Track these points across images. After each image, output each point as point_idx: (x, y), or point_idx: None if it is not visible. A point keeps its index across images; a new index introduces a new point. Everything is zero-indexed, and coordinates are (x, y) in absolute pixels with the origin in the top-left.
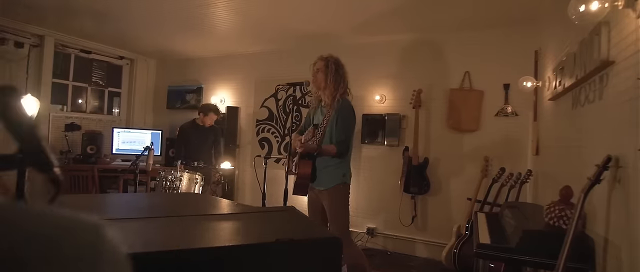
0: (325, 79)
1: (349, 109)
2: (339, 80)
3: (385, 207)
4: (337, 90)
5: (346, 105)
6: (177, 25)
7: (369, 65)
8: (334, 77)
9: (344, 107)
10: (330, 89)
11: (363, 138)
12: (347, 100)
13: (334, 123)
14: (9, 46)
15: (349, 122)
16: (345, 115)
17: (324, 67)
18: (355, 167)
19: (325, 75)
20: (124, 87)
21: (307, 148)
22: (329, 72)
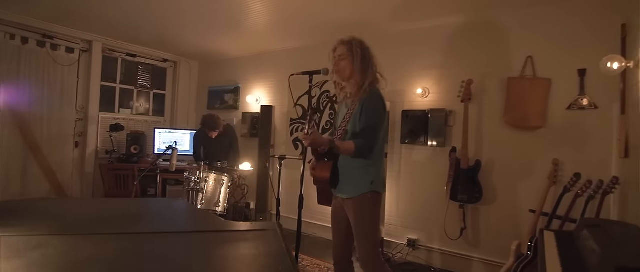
0: (351, 67)
1: (377, 99)
2: (366, 67)
3: (428, 216)
4: (364, 78)
5: (374, 95)
6: (216, 24)
7: (410, 55)
8: (361, 63)
9: (370, 97)
10: (356, 78)
11: (403, 138)
12: (376, 89)
13: (357, 117)
14: (61, 52)
15: (375, 113)
16: (371, 105)
17: (347, 53)
18: (394, 170)
19: (350, 62)
20: (168, 88)
21: (315, 142)
22: (355, 58)
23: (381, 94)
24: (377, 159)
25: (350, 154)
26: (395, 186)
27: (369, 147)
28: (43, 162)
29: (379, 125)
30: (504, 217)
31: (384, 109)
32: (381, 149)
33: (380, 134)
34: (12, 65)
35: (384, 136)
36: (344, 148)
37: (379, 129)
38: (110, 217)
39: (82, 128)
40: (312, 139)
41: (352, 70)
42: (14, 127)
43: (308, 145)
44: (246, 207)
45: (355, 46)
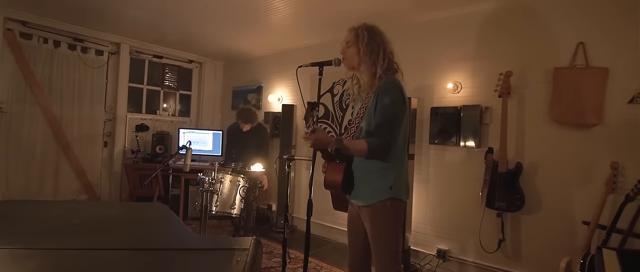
0: (357, 53)
1: (392, 88)
2: (376, 50)
3: (461, 225)
4: (375, 64)
5: (389, 84)
6: (239, 22)
7: (438, 46)
8: (367, 46)
9: (384, 87)
10: (367, 64)
11: (432, 138)
12: (392, 78)
13: (372, 111)
14: (90, 54)
15: (390, 106)
16: (386, 97)
17: (353, 39)
18: (422, 173)
19: (357, 47)
20: (194, 89)
21: (319, 142)
22: (361, 42)
23: (398, 83)
24: (397, 160)
25: (362, 154)
26: (424, 191)
27: (385, 146)
28: (74, 162)
29: (397, 119)
30: (550, 229)
31: (402, 101)
32: (402, 148)
33: (398, 130)
34: (45, 68)
35: (405, 132)
36: (355, 148)
37: (397, 124)
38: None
39: (110, 128)
40: (315, 138)
41: (360, 58)
42: (48, 128)
43: (311, 145)
44: (268, 209)
45: (361, 30)
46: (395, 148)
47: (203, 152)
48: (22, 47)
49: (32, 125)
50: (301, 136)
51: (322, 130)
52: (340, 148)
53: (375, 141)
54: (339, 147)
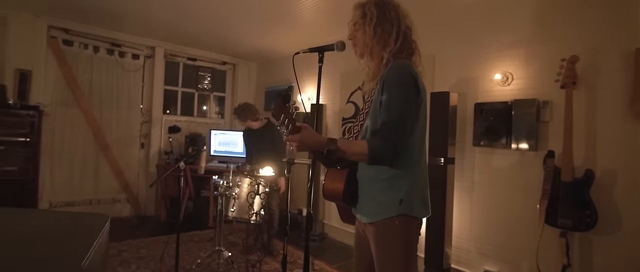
0: (364, 35)
1: (402, 73)
2: (388, 30)
3: (513, 243)
4: (385, 46)
5: (396, 69)
6: (269, 20)
7: (484, 31)
8: (376, 28)
9: (389, 74)
10: (376, 49)
11: (477, 138)
12: (401, 62)
13: (377, 106)
14: (127, 58)
15: (397, 96)
16: (392, 85)
17: (361, 20)
18: (465, 180)
19: (363, 30)
20: (228, 91)
21: (305, 144)
22: (368, 24)
23: (409, 67)
24: (411, 166)
25: (362, 159)
26: (467, 200)
27: (391, 149)
28: (112, 162)
29: (407, 115)
30: (633, 255)
31: (413, 90)
32: (417, 151)
33: (410, 128)
34: (85, 72)
35: (422, 130)
36: (352, 151)
37: (407, 121)
38: None
39: (147, 130)
40: (301, 139)
41: (368, 43)
42: (88, 130)
43: (296, 147)
44: (299, 214)
45: (368, 7)
46: (408, 152)
47: (234, 154)
48: (64, 53)
49: (74, 128)
50: (285, 137)
51: (310, 128)
52: (333, 150)
53: (378, 142)
54: (332, 149)
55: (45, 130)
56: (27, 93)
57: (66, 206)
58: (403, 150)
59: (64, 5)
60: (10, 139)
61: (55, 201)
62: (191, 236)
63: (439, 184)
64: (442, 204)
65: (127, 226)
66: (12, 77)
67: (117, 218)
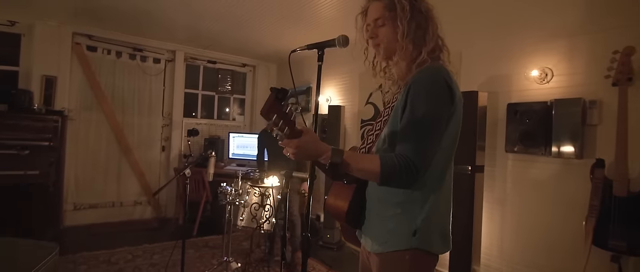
0: (395, 33)
1: (434, 78)
2: (423, 24)
3: (553, 267)
4: (420, 45)
5: (428, 73)
6: (287, 21)
7: (519, 21)
8: (411, 22)
9: (419, 78)
10: (408, 49)
11: (510, 144)
12: (432, 65)
13: (398, 114)
14: (149, 63)
15: (426, 107)
16: (420, 91)
17: (387, 13)
18: (496, 190)
19: (393, 26)
20: (248, 93)
21: (304, 151)
22: (401, 18)
23: (443, 71)
24: (431, 189)
25: (372, 177)
26: (499, 214)
27: (409, 171)
28: (134, 165)
29: (434, 127)
30: None
31: (445, 97)
32: (441, 171)
33: (435, 146)
34: (108, 77)
35: (450, 148)
36: (360, 166)
37: (434, 135)
38: None
39: (167, 133)
40: (299, 145)
41: (398, 42)
42: (111, 134)
43: (293, 155)
44: (317, 220)
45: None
46: (429, 172)
47: (253, 158)
48: (88, 59)
49: (98, 131)
50: (281, 142)
51: (312, 133)
52: (337, 163)
53: (393, 159)
54: (336, 161)
55: (71, 134)
56: (52, 98)
57: (90, 208)
58: (424, 171)
59: (88, 12)
60: (35, 144)
61: (79, 203)
62: (206, 241)
63: (465, 194)
64: (469, 217)
65: (148, 229)
66: (38, 84)
67: (139, 220)
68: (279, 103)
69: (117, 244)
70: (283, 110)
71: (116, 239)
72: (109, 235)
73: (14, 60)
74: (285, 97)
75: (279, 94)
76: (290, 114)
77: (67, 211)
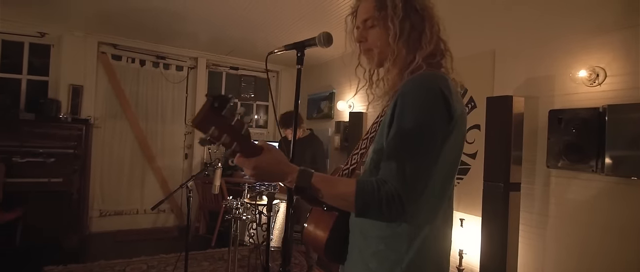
0: (387, 36)
1: (425, 88)
2: (418, 25)
3: None
4: (415, 50)
5: (418, 81)
6: (304, 22)
7: (562, 14)
8: (403, 20)
9: (407, 88)
10: (401, 55)
11: (553, 158)
12: (426, 73)
13: (384, 130)
14: (172, 70)
15: (416, 120)
16: (408, 104)
17: (377, 13)
18: (534, 211)
19: (385, 27)
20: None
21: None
22: (392, 18)
23: (437, 79)
24: (423, 222)
25: (346, 207)
26: (539, 240)
27: (391, 199)
28: (157, 173)
29: (426, 148)
30: None
31: (440, 111)
32: (436, 200)
33: (428, 167)
34: (132, 85)
35: (448, 169)
36: (331, 193)
37: (426, 158)
38: None
39: (190, 141)
40: (257, 165)
41: (390, 46)
42: (135, 141)
43: (252, 177)
44: None
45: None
46: (420, 202)
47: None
48: (113, 67)
49: (122, 139)
50: (237, 161)
51: (274, 150)
52: (305, 188)
53: (373, 186)
54: (302, 186)
55: (96, 142)
56: (79, 107)
57: (115, 214)
58: (412, 202)
59: (113, 22)
60: (61, 151)
61: (105, 209)
62: (222, 254)
63: (496, 216)
64: (501, 243)
65: (169, 237)
66: (66, 93)
67: (161, 228)
68: (218, 112)
69: (135, 253)
70: (227, 122)
71: (136, 247)
72: (130, 243)
73: (45, 71)
74: (225, 105)
75: (216, 101)
76: (239, 127)
77: (93, 217)
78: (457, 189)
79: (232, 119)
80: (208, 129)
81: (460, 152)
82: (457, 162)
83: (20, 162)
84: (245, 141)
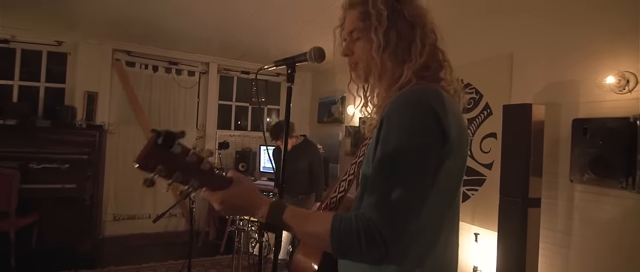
0: (369, 47)
1: (413, 106)
2: (407, 34)
3: None
4: (402, 63)
5: (405, 99)
6: (312, 26)
7: (587, 12)
8: (388, 29)
9: (396, 105)
10: (386, 68)
11: (578, 171)
12: (416, 89)
13: (370, 155)
14: (184, 76)
15: (400, 146)
16: (396, 123)
17: (360, 20)
18: (557, 230)
19: (368, 39)
20: (282, 103)
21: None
22: (374, 25)
23: (429, 96)
24: (417, 261)
25: (323, 246)
26: (561, 260)
27: (374, 236)
28: None
29: (414, 172)
30: None
31: (431, 134)
32: (430, 236)
33: (417, 201)
34: (145, 91)
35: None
36: (305, 231)
37: (413, 190)
38: None
39: (201, 145)
40: (224, 199)
41: (374, 61)
42: None
43: (220, 211)
44: None
45: (372, 1)
46: (409, 240)
47: None
48: (127, 74)
49: (135, 144)
50: (203, 195)
51: (245, 181)
52: (275, 225)
53: (350, 224)
54: (273, 223)
55: (110, 147)
56: (94, 113)
57: (128, 219)
58: (397, 243)
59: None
60: (75, 157)
61: (118, 214)
62: (229, 261)
63: (514, 233)
64: (519, 260)
65: (180, 242)
66: (81, 100)
67: (173, 232)
68: (164, 149)
69: (145, 259)
70: (179, 159)
71: (147, 252)
72: (142, 247)
73: (62, 78)
74: (172, 141)
75: (161, 137)
76: (196, 162)
77: (107, 221)
78: (471, 202)
79: (184, 155)
80: (154, 167)
81: (461, 177)
82: (458, 188)
83: (36, 168)
84: (206, 176)
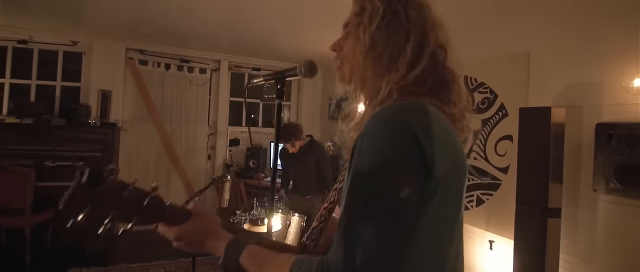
0: (355, 46)
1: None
2: (397, 38)
3: None
4: (386, 70)
5: (377, 118)
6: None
7: (609, 10)
8: (377, 29)
9: (368, 127)
10: (371, 73)
11: (602, 180)
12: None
13: (347, 183)
14: (195, 73)
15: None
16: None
17: (355, 15)
18: (580, 242)
19: (356, 35)
20: (293, 100)
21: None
22: (365, 22)
23: (406, 112)
24: None
25: None
26: None
27: None
28: (182, 174)
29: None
30: None
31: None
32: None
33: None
34: (158, 88)
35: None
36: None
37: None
38: None
39: (213, 142)
40: (178, 235)
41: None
42: (160, 143)
43: (177, 246)
44: None
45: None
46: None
47: None
48: (140, 72)
49: (148, 141)
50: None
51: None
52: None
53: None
54: (226, 264)
55: (124, 144)
56: (108, 111)
57: None
58: None
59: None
60: (89, 155)
61: None
62: None
63: (532, 244)
64: None
65: None
66: (95, 98)
67: None
68: (92, 189)
69: (156, 256)
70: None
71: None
72: (154, 243)
73: (77, 77)
74: (99, 179)
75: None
76: (136, 197)
77: None
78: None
79: (120, 191)
80: (81, 210)
81: (456, 219)
82: (453, 227)
83: (51, 166)
84: (152, 211)
